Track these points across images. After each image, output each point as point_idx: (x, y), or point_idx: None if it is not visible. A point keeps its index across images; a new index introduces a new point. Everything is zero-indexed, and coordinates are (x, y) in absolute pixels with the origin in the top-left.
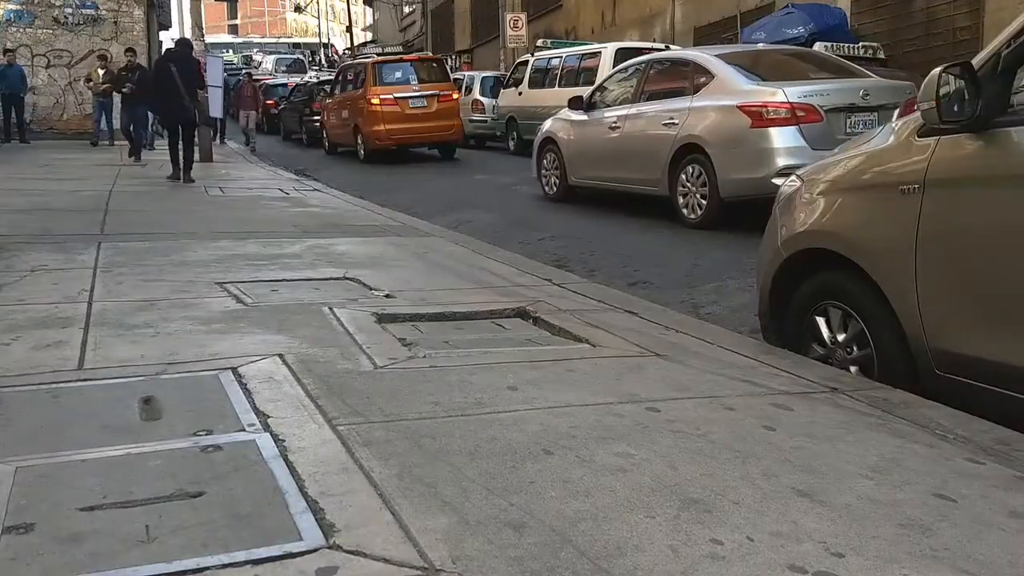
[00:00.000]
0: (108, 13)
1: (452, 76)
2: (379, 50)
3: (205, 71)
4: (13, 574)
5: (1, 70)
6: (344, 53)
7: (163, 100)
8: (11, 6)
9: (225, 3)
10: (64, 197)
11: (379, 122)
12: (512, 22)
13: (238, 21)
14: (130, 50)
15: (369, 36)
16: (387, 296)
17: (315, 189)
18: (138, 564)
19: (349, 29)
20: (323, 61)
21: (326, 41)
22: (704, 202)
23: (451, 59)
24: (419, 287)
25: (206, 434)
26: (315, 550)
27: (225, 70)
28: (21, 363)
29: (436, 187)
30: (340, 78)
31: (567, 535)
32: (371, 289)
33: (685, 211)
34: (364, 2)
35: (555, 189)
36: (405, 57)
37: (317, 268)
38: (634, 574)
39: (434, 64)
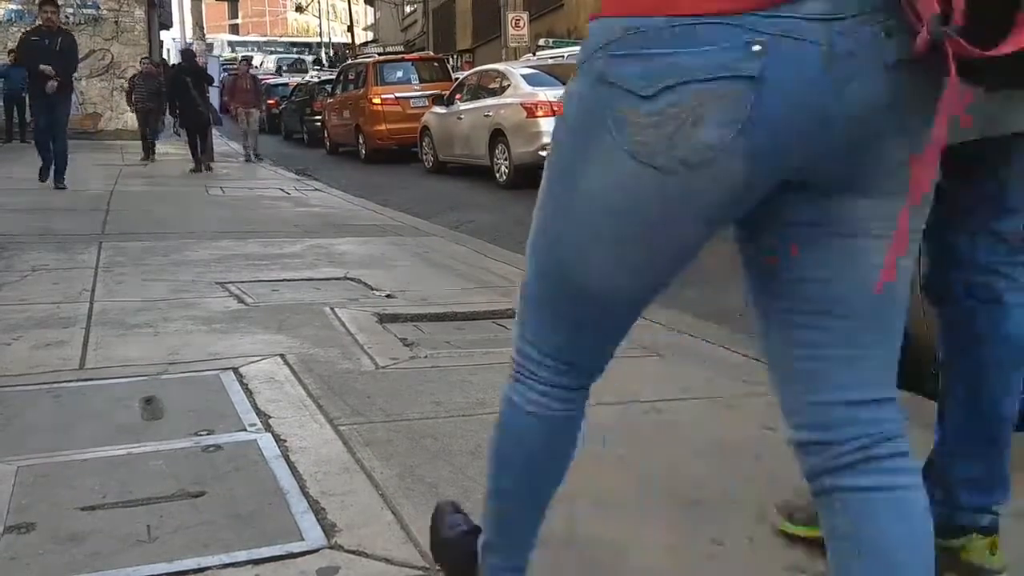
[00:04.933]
0: (109, 13)
1: (454, 76)
2: (380, 50)
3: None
4: (13, 574)
5: (5, 70)
6: (345, 52)
7: (182, 108)
8: (11, 6)
9: (226, 3)
10: (65, 196)
11: (380, 122)
12: (514, 22)
13: (239, 21)
14: (48, 1)
15: (370, 36)
16: (388, 296)
17: (316, 189)
18: (139, 564)
19: (350, 29)
20: (324, 61)
21: (327, 40)
22: (507, 169)
23: (452, 59)
24: (420, 287)
25: (207, 434)
26: (316, 550)
27: (225, 69)
28: (22, 362)
29: (437, 187)
30: (341, 78)
31: (567, 535)
32: (372, 289)
33: (498, 176)
34: (365, 1)
35: (432, 163)
36: (406, 57)
37: (318, 268)
38: (634, 574)
39: (435, 64)
